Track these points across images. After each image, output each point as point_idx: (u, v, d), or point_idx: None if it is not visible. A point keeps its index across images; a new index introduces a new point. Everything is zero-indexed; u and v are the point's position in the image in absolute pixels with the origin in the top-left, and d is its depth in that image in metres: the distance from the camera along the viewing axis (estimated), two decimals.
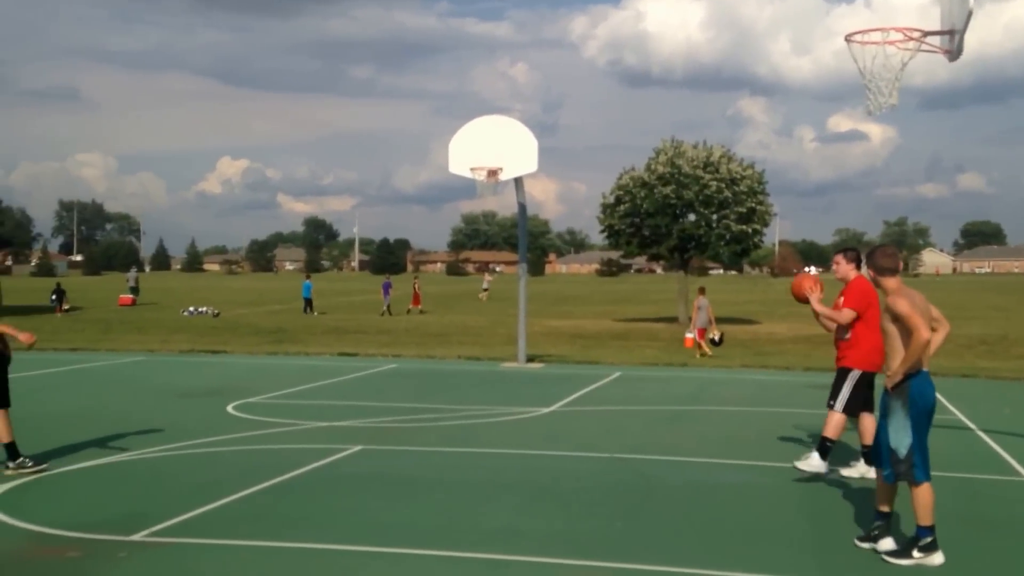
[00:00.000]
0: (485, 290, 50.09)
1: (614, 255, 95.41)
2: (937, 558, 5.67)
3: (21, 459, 8.17)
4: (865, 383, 7.85)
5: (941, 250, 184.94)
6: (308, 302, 35.33)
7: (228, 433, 10.17)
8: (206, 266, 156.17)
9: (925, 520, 5.71)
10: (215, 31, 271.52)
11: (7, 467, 8.13)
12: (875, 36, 9.74)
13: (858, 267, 8.20)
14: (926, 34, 9.71)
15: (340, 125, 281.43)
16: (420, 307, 36.83)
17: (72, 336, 23.59)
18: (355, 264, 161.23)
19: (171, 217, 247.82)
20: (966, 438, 10.26)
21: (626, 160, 70.37)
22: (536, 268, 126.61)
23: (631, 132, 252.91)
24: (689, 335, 20.12)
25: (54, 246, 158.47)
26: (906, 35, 9.66)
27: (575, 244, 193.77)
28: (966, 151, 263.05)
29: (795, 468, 7.90)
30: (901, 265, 6.23)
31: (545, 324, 28.70)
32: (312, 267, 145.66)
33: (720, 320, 30.40)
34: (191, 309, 35.26)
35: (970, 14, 9.02)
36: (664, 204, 28.82)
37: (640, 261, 75.13)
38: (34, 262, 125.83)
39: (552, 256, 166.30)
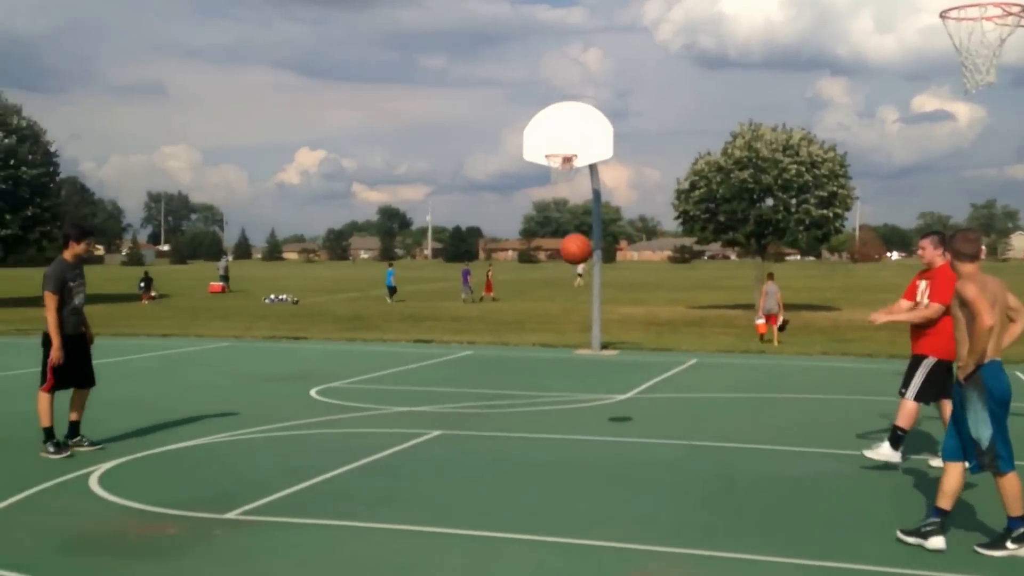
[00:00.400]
0: (579, 275, 49.69)
1: (687, 242, 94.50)
2: None
3: (79, 438, 8.57)
4: (942, 371, 7.60)
5: None
6: (391, 289, 35.84)
7: (312, 417, 10.44)
8: (285, 255, 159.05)
9: (1016, 510, 5.63)
10: (293, 24, 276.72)
11: (74, 444, 8.50)
12: (972, 12, 9.43)
13: (946, 252, 8.04)
14: None
15: (414, 115, 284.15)
16: (493, 294, 37.11)
17: (163, 322, 24.38)
18: (428, 252, 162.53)
19: (252, 207, 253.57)
20: None
21: (700, 145, 69.65)
22: (607, 255, 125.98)
23: (706, 116, 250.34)
24: (760, 321, 19.91)
25: (143, 236, 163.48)
26: (1005, 10, 9.36)
27: (647, 231, 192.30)
28: None
29: (864, 456, 7.80)
30: (982, 252, 6.07)
31: (618, 311, 28.63)
32: (386, 255, 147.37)
33: (799, 307, 30.09)
34: (272, 297, 36.07)
35: None
36: (741, 189, 28.44)
37: (714, 248, 74.37)
38: (124, 251, 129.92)
39: (623, 243, 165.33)
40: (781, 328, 19.42)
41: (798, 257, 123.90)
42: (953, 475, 5.80)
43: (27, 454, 8.42)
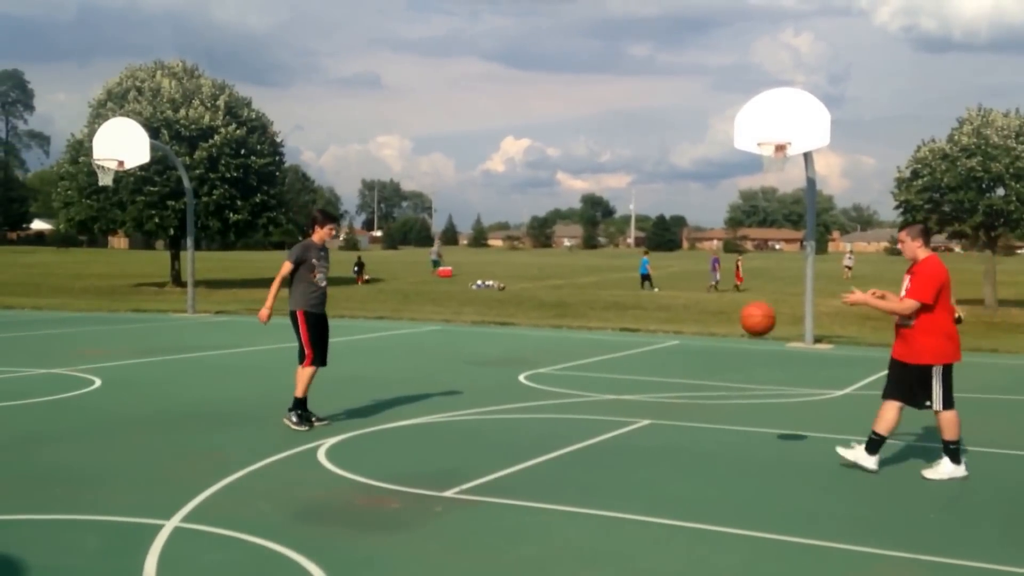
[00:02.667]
0: (848, 267, 47.83)
1: None
2: None
3: (305, 412, 8.98)
4: (951, 373, 7.25)
5: None
6: (645, 277, 36.43)
7: (522, 401, 10.62)
8: (490, 242, 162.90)
9: None
10: (500, 17, 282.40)
11: (306, 421, 8.93)
12: None
13: (926, 244, 7.37)
14: None
15: (618, 103, 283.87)
16: (741, 284, 37.10)
17: (376, 306, 25.56)
18: (631, 241, 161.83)
19: (459, 194, 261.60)
20: None
21: (920, 132, 65.42)
22: (820, 246, 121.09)
23: (926, 101, 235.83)
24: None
25: (358, 222, 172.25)
26: None
27: (861, 221, 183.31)
28: None
29: (924, 478, 7.25)
30: None
31: (830, 304, 27.41)
32: (589, 243, 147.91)
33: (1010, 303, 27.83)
34: (479, 283, 37.02)
35: None
36: (968, 178, 26.54)
37: (936, 239, 69.95)
38: (341, 237, 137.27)
39: (836, 234, 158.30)
40: (959, 322, 18.31)
41: None
42: None
43: (262, 427, 9.02)
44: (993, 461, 8.03)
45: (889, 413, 7.43)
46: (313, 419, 9.02)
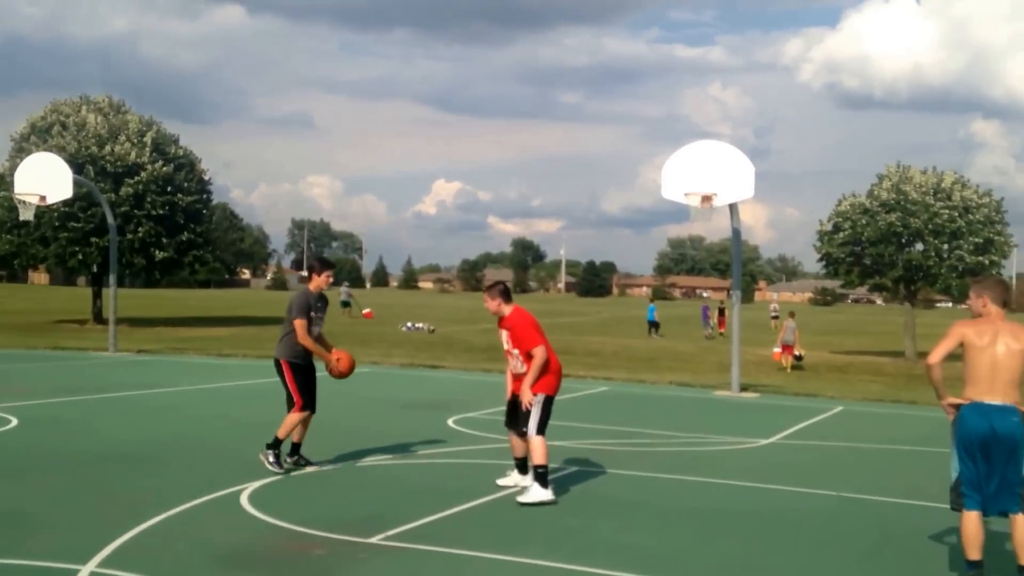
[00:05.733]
0: (774, 317, 48.79)
1: (829, 284, 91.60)
2: None
3: (297, 456, 8.95)
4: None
5: None
6: (653, 324, 37.51)
7: (451, 446, 10.55)
8: (420, 283, 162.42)
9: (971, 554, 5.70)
10: (434, 61, 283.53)
11: (293, 462, 8.90)
12: None
13: (506, 301, 8.06)
14: None
15: (550, 149, 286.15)
16: (724, 331, 37.95)
17: None
18: (561, 286, 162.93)
19: (390, 236, 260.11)
20: None
21: (842, 186, 67.51)
22: (745, 295, 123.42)
23: (848, 156, 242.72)
24: (776, 350, 23.50)
25: (286, 262, 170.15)
26: None
27: (787, 271, 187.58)
28: None
29: (518, 503, 7.67)
30: (984, 297, 6.02)
31: (757, 352, 27.93)
32: (519, 287, 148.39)
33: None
34: (408, 325, 36.82)
35: None
36: (888, 232, 27.42)
37: (858, 291, 71.86)
38: (269, 276, 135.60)
39: (762, 283, 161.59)
40: (797, 359, 22.85)
41: (950, 305, 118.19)
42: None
43: (184, 469, 8.80)
44: (910, 512, 8.20)
45: (534, 444, 7.93)
46: (302, 463, 8.91)
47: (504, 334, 8.22)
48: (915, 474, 10.03)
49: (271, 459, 8.68)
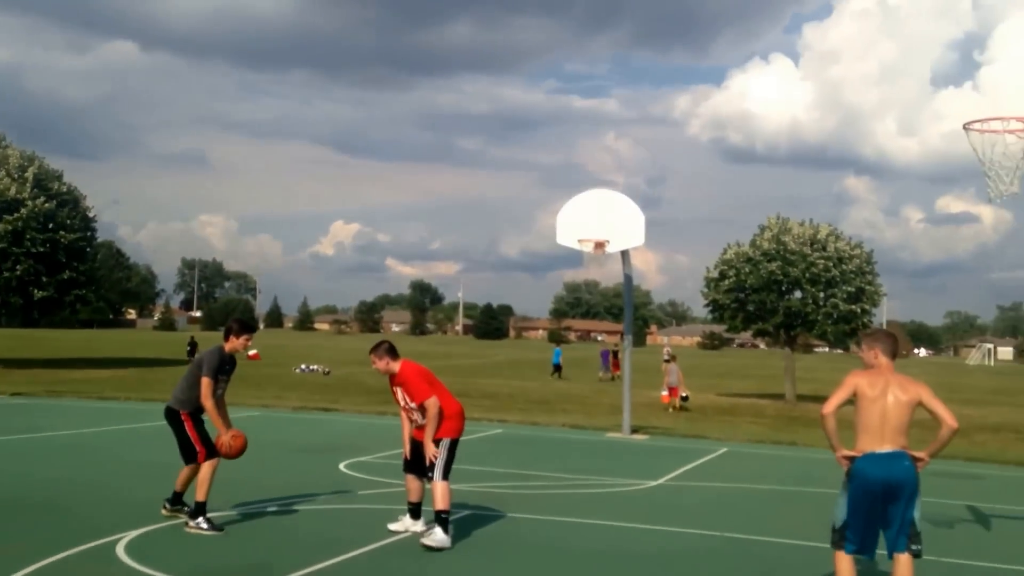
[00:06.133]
0: (667, 361, 49.51)
1: (717, 328, 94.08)
2: None
3: (180, 506, 8.59)
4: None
5: None
6: (557, 367, 39.02)
7: (342, 490, 10.43)
8: (316, 325, 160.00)
9: None
10: (333, 104, 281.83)
11: (173, 511, 8.54)
12: (995, 125, 9.59)
13: (393, 359, 8.24)
14: None
15: (449, 193, 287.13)
16: (618, 373, 38.41)
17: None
18: (459, 328, 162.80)
19: (286, 277, 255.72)
20: None
21: (729, 235, 69.95)
22: (638, 339, 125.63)
23: (734, 207, 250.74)
24: (664, 393, 24.73)
25: (175, 302, 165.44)
26: None
27: (676, 316, 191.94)
28: None
29: (422, 545, 7.71)
30: (875, 349, 6.23)
31: (648, 395, 28.44)
32: (417, 329, 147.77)
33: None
34: (303, 367, 36.24)
35: None
36: (770, 280, 28.47)
37: (743, 336, 73.91)
38: (157, 316, 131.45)
39: (653, 327, 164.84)
40: (684, 399, 24.39)
41: (826, 349, 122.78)
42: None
43: (58, 517, 8.46)
44: (789, 551, 8.48)
45: (438, 489, 7.97)
46: (185, 510, 8.53)
47: (398, 392, 8.26)
48: (795, 513, 10.38)
49: (204, 525, 8.19)
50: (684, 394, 24.51)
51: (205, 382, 8.32)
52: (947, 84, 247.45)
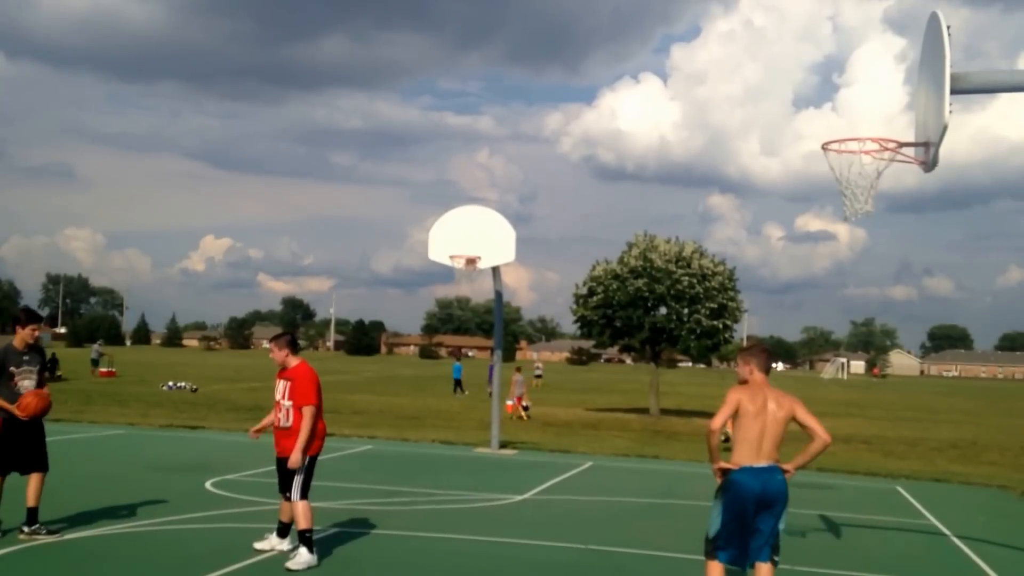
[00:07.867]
0: (538, 376, 50.15)
1: (585, 344, 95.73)
2: None
3: (37, 526, 8.40)
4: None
5: (909, 352, 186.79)
6: (458, 383, 38.96)
7: (208, 510, 10.31)
8: (185, 342, 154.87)
9: None
10: (203, 117, 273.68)
11: (22, 531, 8.34)
12: (852, 145, 9.93)
13: (293, 352, 8.29)
14: (901, 145, 9.88)
15: (321, 209, 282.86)
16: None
17: (55, 408, 23.47)
18: (330, 344, 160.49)
19: (154, 293, 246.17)
20: (941, 544, 10.50)
21: (599, 252, 71.43)
22: (508, 355, 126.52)
23: (604, 225, 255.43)
24: (509, 403, 26.63)
25: None
26: (882, 145, 9.87)
27: (546, 332, 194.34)
28: (934, 255, 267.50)
29: (286, 569, 7.72)
30: (751, 365, 6.53)
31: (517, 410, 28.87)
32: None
33: (694, 413, 30.96)
34: (170, 384, 35.21)
35: (945, 128, 9.04)
36: (636, 297, 29.30)
37: (610, 351, 75.58)
38: None
39: (523, 343, 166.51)
40: (525, 408, 26.95)
41: (690, 364, 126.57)
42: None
43: None
44: (648, 563, 8.89)
45: (298, 509, 8.04)
46: (43, 532, 8.40)
47: (281, 384, 8.12)
48: (654, 525, 10.84)
49: (44, 532, 8.12)
50: (526, 404, 27.14)
51: None
52: (808, 105, 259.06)
